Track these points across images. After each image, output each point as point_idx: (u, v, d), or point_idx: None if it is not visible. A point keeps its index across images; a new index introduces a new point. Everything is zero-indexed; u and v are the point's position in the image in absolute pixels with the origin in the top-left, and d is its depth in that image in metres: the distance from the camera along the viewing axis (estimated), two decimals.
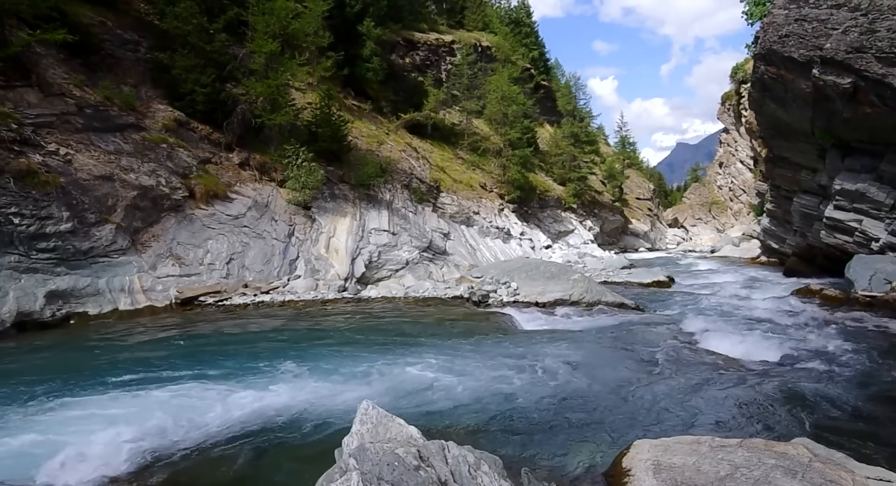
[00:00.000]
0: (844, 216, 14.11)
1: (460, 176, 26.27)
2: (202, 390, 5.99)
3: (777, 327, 9.71)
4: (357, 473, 2.48)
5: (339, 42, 22.31)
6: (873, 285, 11.37)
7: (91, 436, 4.72)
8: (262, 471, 4.38)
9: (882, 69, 11.31)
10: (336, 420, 5.19)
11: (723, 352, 7.80)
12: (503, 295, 13.04)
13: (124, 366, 7.02)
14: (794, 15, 13.41)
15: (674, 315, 11.27)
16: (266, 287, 13.16)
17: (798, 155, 17.41)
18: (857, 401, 5.79)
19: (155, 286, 11.70)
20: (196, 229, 13.37)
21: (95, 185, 11.68)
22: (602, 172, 46.59)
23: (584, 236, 33.17)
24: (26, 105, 11.42)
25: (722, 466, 3.24)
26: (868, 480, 3.06)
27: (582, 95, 52.39)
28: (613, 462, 3.90)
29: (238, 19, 17.39)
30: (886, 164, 13.06)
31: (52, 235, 10.26)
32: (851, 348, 7.92)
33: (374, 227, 17.25)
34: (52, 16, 12.32)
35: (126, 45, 15.92)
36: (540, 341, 8.65)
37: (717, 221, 53.17)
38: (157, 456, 4.46)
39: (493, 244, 22.67)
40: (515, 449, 4.65)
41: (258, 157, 16.79)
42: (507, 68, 35.01)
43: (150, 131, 14.11)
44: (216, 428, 5.03)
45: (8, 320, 9.04)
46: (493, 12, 48.61)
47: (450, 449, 2.95)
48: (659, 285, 16.57)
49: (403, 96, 28.42)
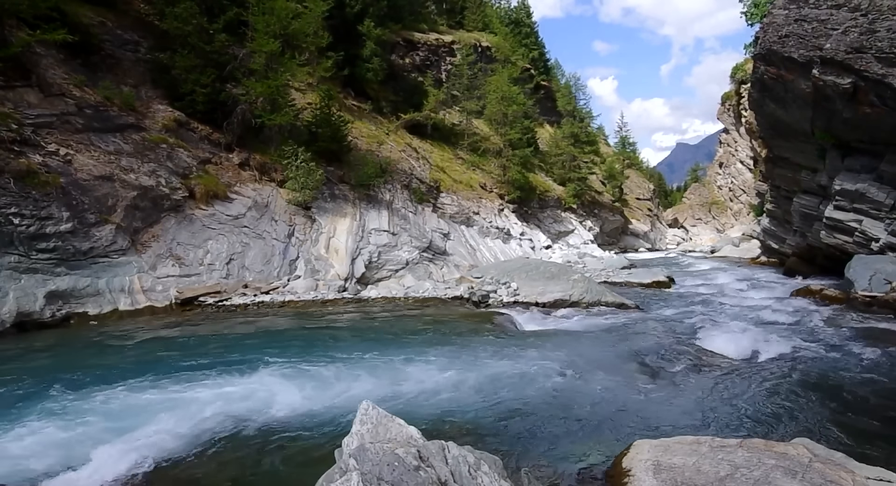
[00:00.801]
0: (844, 216, 14.11)
1: (460, 176, 26.26)
2: (202, 390, 5.99)
3: (777, 327, 9.71)
4: (357, 473, 2.48)
5: (339, 42, 22.31)
6: (873, 285, 11.38)
7: (91, 436, 4.73)
8: (262, 471, 4.38)
9: (882, 69, 11.32)
10: (336, 420, 5.19)
11: (723, 352, 7.80)
12: (503, 295, 13.04)
13: (124, 366, 7.03)
14: (794, 15, 13.42)
15: (674, 315, 11.27)
16: (266, 287, 13.16)
17: (798, 155, 17.41)
18: (857, 401, 5.80)
19: (155, 287, 11.70)
20: (196, 230, 13.37)
21: (95, 185, 11.68)
22: (602, 173, 46.61)
23: (584, 237, 33.17)
24: (26, 105, 11.41)
25: (722, 466, 3.24)
26: (868, 480, 3.05)
27: (582, 96, 52.55)
28: (613, 462, 3.90)
29: (238, 19, 17.38)
30: (886, 164, 13.06)
31: (52, 235, 10.26)
32: (851, 348, 7.93)
33: (374, 227, 17.24)
34: (51, 16, 12.31)
35: (126, 45, 15.91)
36: (540, 342, 8.65)
37: (717, 222, 53.19)
38: (156, 456, 4.46)
39: (493, 244, 22.67)
40: (515, 449, 4.65)
41: (258, 157, 16.78)
42: (507, 68, 35.04)
43: (150, 131, 14.11)
44: (216, 428, 5.03)
45: (8, 320, 9.04)
46: (493, 12, 48.64)
47: (450, 449, 2.95)
48: (659, 285, 16.58)
49: (403, 96, 28.42)
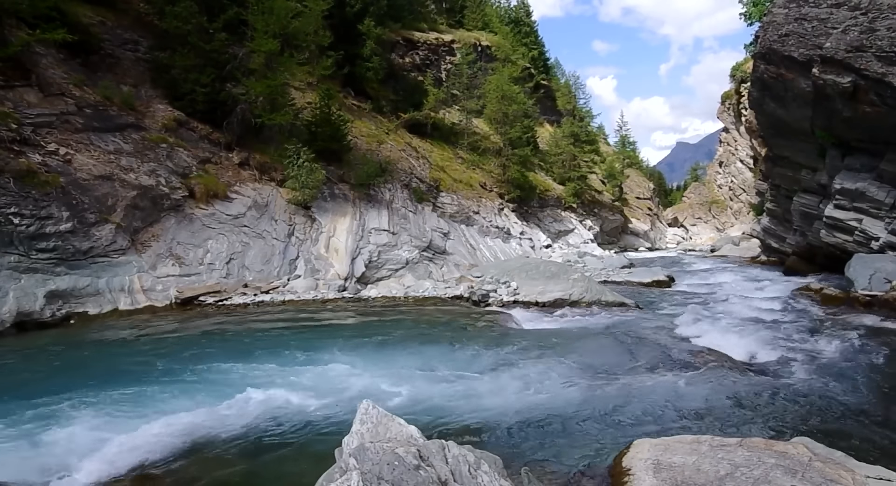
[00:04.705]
0: (844, 215, 14.10)
1: (460, 175, 26.25)
2: (201, 390, 6.00)
3: (777, 326, 9.70)
4: (357, 472, 2.48)
5: (338, 41, 22.29)
6: (873, 284, 11.37)
7: (91, 436, 4.73)
8: (261, 470, 4.38)
9: (882, 68, 11.30)
10: (336, 420, 5.19)
11: (723, 351, 7.78)
12: (503, 295, 13.04)
13: (123, 366, 7.03)
14: (793, 14, 13.41)
15: (674, 315, 11.26)
16: (266, 287, 13.16)
17: (798, 154, 17.40)
18: (857, 400, 5.79)
19: (155, 286, 11.70)
20: (196, 229, 13.37)
21: (95, 185, 11.68)
22: (602, 172, 46.59)
23: (583, 236, 33.16)
24: (26, 105, 11.41)
25: (722, 465, 3.24)
26: (868, 479, 3.05)
27: (582, 95, 52.45)
28: (613, 462, 3.90)
29: (238, 19, 17.37)
30: (886, 163, 13.05)
31: (51, 235, 10.26)
32: (851, 347, 7.92)
33: (373, 226, 17.24)
34: (51, 15, 12.33)
35: (126, 44, 15.91)
36: (540, 341, 8.65)
37: (717, 221, 53.18)
38: (156, 456, 4.46)
39: (493, 244, 22.66)
40: (515, 449, 4.65)
41: (258, 156, 16.78)
42: (506, 68, 34.99)
43: (150, 131, 14.11)
44: (215, 427, 5.03)
45: (8, 320, 9.05)
46: (493, 12, 48.59)
47: (450, 449, 2.95)
48: (659, 284, 16.57)
49: (403, 96, 28.40)
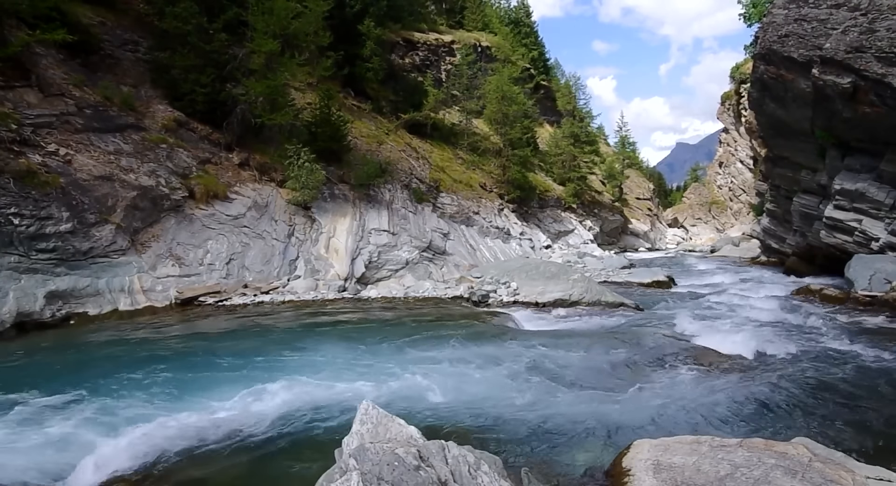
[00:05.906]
0: (844, 216, 14.10)
1: (460, 176, 26.25)
2: (201, 390, 5.99)
3: (777, 326, 9.70)
4: (357, 473, 2.48)
5: (338, 42, 22.28)
6: (873, 284, 11.37)
7: (91, 436, 4.72)
8: (261, 471, 4.38)
9: (882, 69, 11.31)
10: (336, 420, 5.19)
11: (723, 352, 7.78)
12: (503, 295, 13.04)
13: (123, 367, 7.01)
14: (793, 15, 13.41)
15: (674, 315, 11.25)
16: (266, 287, 13.16)
17: (798, 155, 17.41)
18: (858, 401, 5.79)
19: (155, 287, 11.70)
20: (196, 230, 13.37)
21: (95, 185, 11.68)
22: (602, 172, 46.62)
23: (583, 236, 33.16)
24: (26, 105, 11.41)
25: (722, 465, 3.24)
26: (868, 480, 3.05)
27: (581, 95, 52.56)
28: (613, 462, 3.90)
29: (238, 19, 17.37)
30: (886, 163, 13.05)
31: (51, 235, 10.25)
32: (851, 347, 7.92)
33: (373, 227, 17.24)
34: (51, 16, 12.33)
35: (125, 45, 15.92)
36: (540, 341, 8.64)
37: (717, 221, 53.19)
38: (156, 456, 4.46)
39: (493, 244, 22.66)
40: (515, 449, 4.64)
41: (258, 157, 16.78)
42: (506, 68, 35.00)
43: (150, 131, 14.11)
44: (215, 428, 5.02)
45: (8, 320, 9.04)
46: (493, 12, 48.66)
47: (450, 449, 2.95)
48: (659, 285, 16.56)
49: (403, 96, 28.41)
